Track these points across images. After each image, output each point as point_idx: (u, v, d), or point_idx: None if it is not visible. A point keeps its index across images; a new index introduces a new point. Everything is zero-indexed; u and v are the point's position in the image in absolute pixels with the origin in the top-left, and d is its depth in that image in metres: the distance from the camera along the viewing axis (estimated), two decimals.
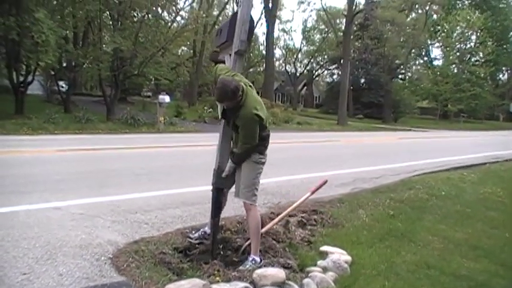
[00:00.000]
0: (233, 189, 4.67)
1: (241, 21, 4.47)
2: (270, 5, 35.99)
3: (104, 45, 23.17)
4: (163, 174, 9.17)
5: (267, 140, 4.49)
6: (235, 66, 4.57)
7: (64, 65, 24.77)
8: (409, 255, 5.18)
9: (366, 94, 54.77)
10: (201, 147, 13.91)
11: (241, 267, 4.29)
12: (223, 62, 4.80)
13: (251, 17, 4.61)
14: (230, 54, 4.68)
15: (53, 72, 25.28)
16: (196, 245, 4.74)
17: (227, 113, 4.38)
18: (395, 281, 4.46)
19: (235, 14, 4.67)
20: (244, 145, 4.30)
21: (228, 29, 4.66)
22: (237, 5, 4.57)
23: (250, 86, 4.39)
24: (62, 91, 25.32)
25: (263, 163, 4.52)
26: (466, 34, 53.76)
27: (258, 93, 5.01)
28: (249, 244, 4.61)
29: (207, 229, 4.89)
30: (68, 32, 24.22)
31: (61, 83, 26.18)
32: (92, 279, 3.84)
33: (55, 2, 22.49)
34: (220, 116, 4.56)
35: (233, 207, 5.02)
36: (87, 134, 17.21)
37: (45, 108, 20.98)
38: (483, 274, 4.93)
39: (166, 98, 21.88)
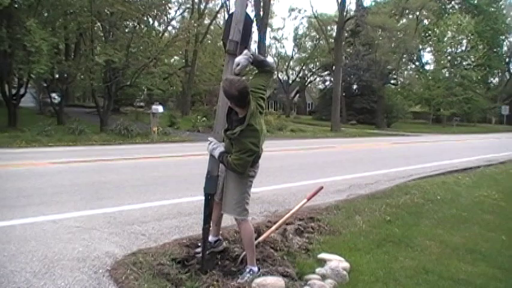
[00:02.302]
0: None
1: (234, 21, 4.39)
2: (261, 13, 35.95)
3: (96, 57, 23.16)
4: (158, 184, 9.14)
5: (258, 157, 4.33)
6: (228, 67, 4.42)
7: (56, 76, 24.74)
8: (407, 261, 5.18)
9: (358, 100, 54.97)
10: (196, 157, 13.89)
11: (239, 280, 4.26)
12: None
13: (247, 16, 4.50)
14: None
15: (45, 84, 25.23)
16: (196, 255, 4.72)
17: (231, 120, 4.18)
18: (394, 286, 4.46)
19: (231, 15, 4.55)
20: (233, 165, 4.09)
21: (225, 30, 4.60)
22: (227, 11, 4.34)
23: (260, 110, 4.18)
24: (55, 103, 25.25)
25: (252, 176, 4.38)
26: (457, 38, 53.98)
27: None
28: None
29: (211, 238, 4.82)
30: (59, 43, 24.22)
31: (53, 94, 26.09)
32: None
33: (46, 14, 22.49)
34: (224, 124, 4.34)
35: (230, 217, 5.00)
36: (81, 145, 17.18)
37: (38, 121, 20.94)
38: (481, 278, 4.94)
39: (160, 108, 21.89)
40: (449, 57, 55.45)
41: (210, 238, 4.79)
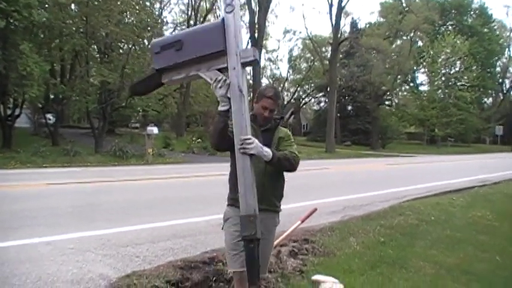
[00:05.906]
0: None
1: (237, 29, 3.23)
2: (256, 35, 36.17)
3: (91, 78, 23.21)
4: (153, 206, 9.14)
5: None
6: (244, 79, 3.32)
7: (51, 97, 24.78)
8: (401, 282, 5.18)
9: (353, 121, 55.11)
10: (190, 179, 13.90)
11: None
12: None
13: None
14: (234, 68, 3.20)
15: (40, 105, 25.24)
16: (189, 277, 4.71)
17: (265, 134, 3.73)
18: None
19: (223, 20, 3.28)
20: (294, 161, 3.70)
21: (221, 37, 3.24)
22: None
23: None
24: (50, 124, 25.25)
25: None
26: (451, 59, 54.31)
27: None
28: None
29: None
30: (55, 64, 24.29)
31: (48, 115, 26.13)
32: None
33: (42, 36, 22.58)
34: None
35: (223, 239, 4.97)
36: (76, 167, 17.14)
37: (33, 142, 20.92)
38: None
39: (155, 130, 21.91)
40: (443, 78, 55.76)
41: None
